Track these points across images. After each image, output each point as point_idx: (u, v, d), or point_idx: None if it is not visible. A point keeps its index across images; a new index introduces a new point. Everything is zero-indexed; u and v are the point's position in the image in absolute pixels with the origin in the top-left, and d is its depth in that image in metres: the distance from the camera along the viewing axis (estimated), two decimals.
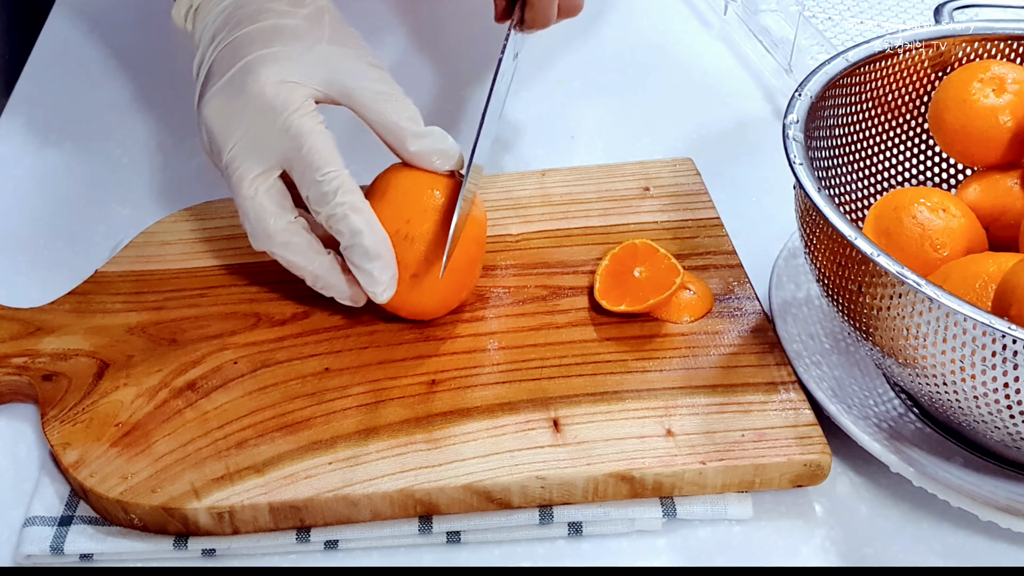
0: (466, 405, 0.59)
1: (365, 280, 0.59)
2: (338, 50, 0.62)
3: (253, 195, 0.60)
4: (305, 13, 0.62)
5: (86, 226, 0.75)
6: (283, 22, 0.61)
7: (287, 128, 0.58)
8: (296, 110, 0.59)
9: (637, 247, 0.66)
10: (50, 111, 0.85)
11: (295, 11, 0.62)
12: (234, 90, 0.60)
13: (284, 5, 0.62)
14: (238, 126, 0.60)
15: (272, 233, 0.60)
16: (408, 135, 0.60)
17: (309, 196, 0.59)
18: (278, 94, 0.59)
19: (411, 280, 0.60)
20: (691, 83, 0.89)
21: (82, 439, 0.58)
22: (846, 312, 0.56)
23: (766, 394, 0.60)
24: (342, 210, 0.58)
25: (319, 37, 0.62)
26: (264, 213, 0.60)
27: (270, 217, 0.60)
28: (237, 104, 0.60)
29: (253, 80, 0.59)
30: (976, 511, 0.55)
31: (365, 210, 0.59)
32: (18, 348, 0.63)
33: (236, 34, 0.61)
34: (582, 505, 0.57)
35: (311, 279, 0.61)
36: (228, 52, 0.61)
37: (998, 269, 0.54)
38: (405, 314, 0.63)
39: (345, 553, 0.56)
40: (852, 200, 0.66)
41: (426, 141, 0.61)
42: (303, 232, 0.61)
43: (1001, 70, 0.63)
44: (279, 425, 0.58)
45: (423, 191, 0.61)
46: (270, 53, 0.60)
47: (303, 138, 0.58)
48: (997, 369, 0.49)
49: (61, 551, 0.55)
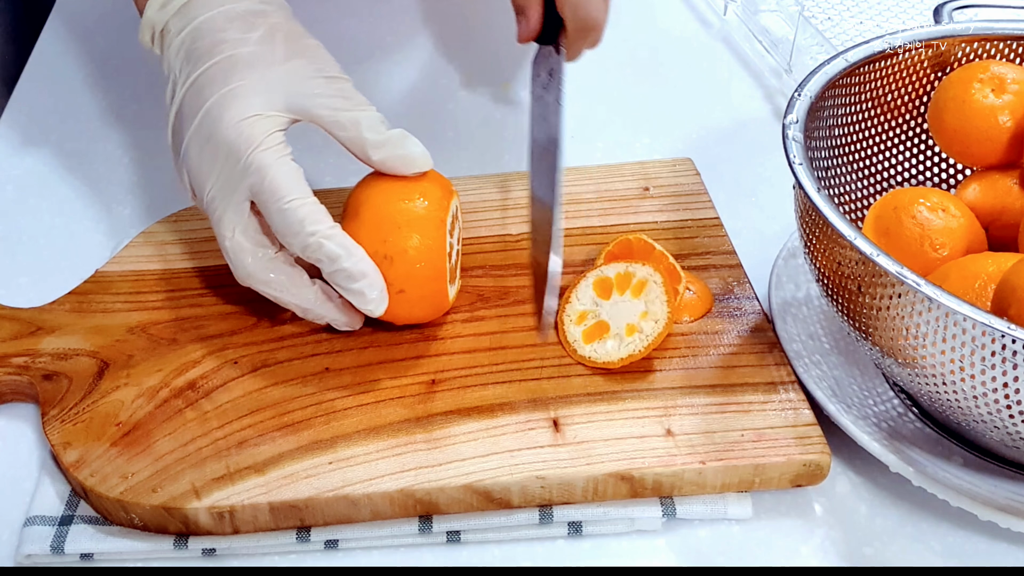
0: (466, 405, 0.59)
1: (356, 300, 0.59)
2: (294, 71, 0.61)
3: (231, 235, 0.60)
4: (257, 37, 0.62)
5: (86, 226, 0.75)
6: (237, 52, 0.61)
7: (249, 165, 0.58)
8: (257, 147, 0.58)
9: (631, 243, 0.66)
10: (50, 112, 0.85)
11: (247, 37, 0.61)
12: (203, 137, 0.60)
13: (237, 33, 0.61)
14: (211, 170, 0.60)
15: (252, 272, 0.60)
16: (368, 146, 0.60)
17: (278, 230, 0.59)
18: (240, 133, 0.59)
19: (398, 296, 0.61)
20: (691, 83, 0.89)
21: (82, 439, 0.58)
22: (846, 312, 0.56)
23: (766, 394, 0.60)
24: (314, 239, 0.58)
25: (272, 60, 0.61)
26: (242, 252, 0.60)
27: (247, 255, 0.60)
28: (208, 150, 0.60)
29: (216, 124, 0.59)
30: (975, 511, 0.55)
31: (337, 235, 0.58)
32: (18, 348, 0.63)
33: (196, 73, 0.61)
34: (582, 505, 0.57)
35: (300, 312, 0.62)
36: (193, 94, 0.61)
37: (997, 269, 0.54)
38: (401, 323, 0.63)
39: (345, 553, 0.56)
40: (852, 200, 0.66)
41: (386, 148, 0.60)
42: (285, 266, 0.60)
43: (1001, 70, 0.63)
44: (279, 425, 0.58)
45: (394, 206, 0.60)
46: (229, 91, 0.60)
47: (264, 171, 0.58)
48: (996, 369, 0.49)
49: (61, 551, 0.55)
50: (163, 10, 0.63)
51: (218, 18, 0.62)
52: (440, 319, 0.64)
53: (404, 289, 0.60)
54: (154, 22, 0.64)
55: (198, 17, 0.62)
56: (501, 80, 0.87)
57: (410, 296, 0.61)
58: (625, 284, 0.63)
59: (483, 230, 0.70)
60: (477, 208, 0.72)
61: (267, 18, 0.63)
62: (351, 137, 0.60)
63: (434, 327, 0.64)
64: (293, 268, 0.61)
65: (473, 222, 0.71)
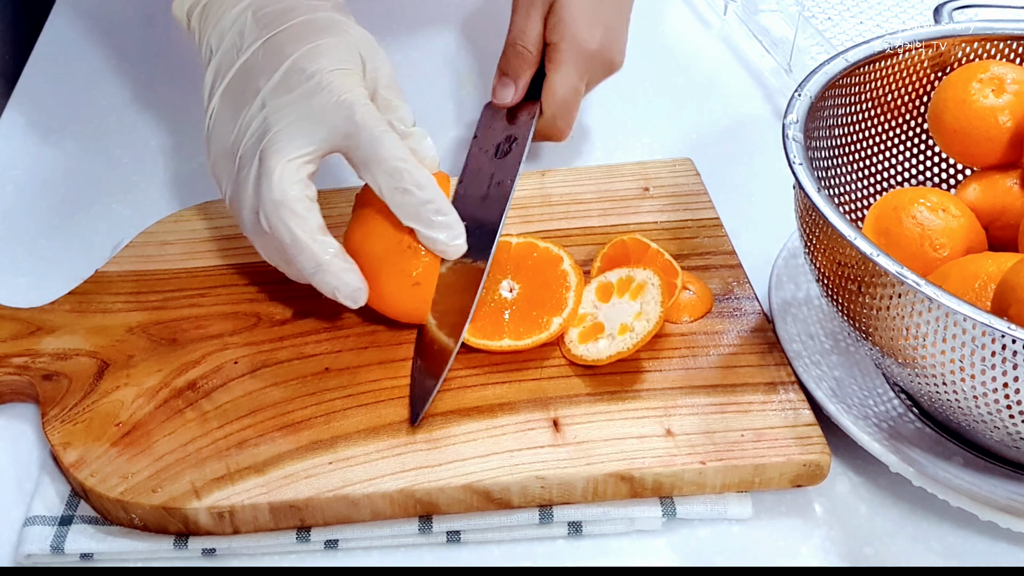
0: (466, 405, 0.59)
1: (444, 234, 0.59)
2: (363, 38, 0.64)
3: (285, 161, 0.58)
4: (331, 5, 0.64)
5: (86, 226, 0.75)
6: (316, 16, 0.63)
7: (340, 101, 0.59)
8: (349, 91, 0.60)
9: (627, 244, 0.66)
10: (50, 111, 0.85)
11: (322, 3, 0.64)
12: (287, 88, 0.60)
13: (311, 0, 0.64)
14: (290, 112, 0.60)
15: (288, 198, 0.58)
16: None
17: (367, 156, 0.59)
18: (334, 79, 0.60)
19: (413, 289, 0.61)
20: (691, 83, 0.89)
21: (82, 439, 0.58)
22: (846, 312, 0.56)
23: (766, 394, 0.60)
24: (404, 165, 0.58)
25: (346, 27, 0.63)
26: (290, 178, 0.58)
27: (291, 181, 0.58)
28: (292, 96, 0.60)
29: (306, 76, 0.60)
30: (976, 511, 0.55)
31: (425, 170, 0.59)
32: (18, 348, 0.63)
33: (272, 32, 0.62)
34: (582, 505, 0.57)
35: (313, 266, 0.59)
36: (270, 51, 0.62)
37: (997, 269, 0.54)
38: (404, 319, 0.63)
39: (345, 553, 0.56)
40: (852, 200, 0.66)
41: (407, 141, 0.61)
42: (318, 212, 0.59)
43: (1001, 70, 0.63)
44: (279, 425, 0.58)
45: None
46: (315, 47, 0.61)
47: (355, 106, 0.59)
48: (996, 369, 0.49)
49: (61, 550, 0.55)
50: None
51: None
52: None
53: (420, 282, 0.61)
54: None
55: None
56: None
57: (423, 290, 0.61)
58: (625, 288, 0.63)
59: None
60: None
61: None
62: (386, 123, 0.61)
63: None
64: (321, 219, 0.60)
65: None
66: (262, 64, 0.61)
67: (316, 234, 0.59)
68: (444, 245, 0.60)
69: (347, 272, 0.60)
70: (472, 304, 0.61)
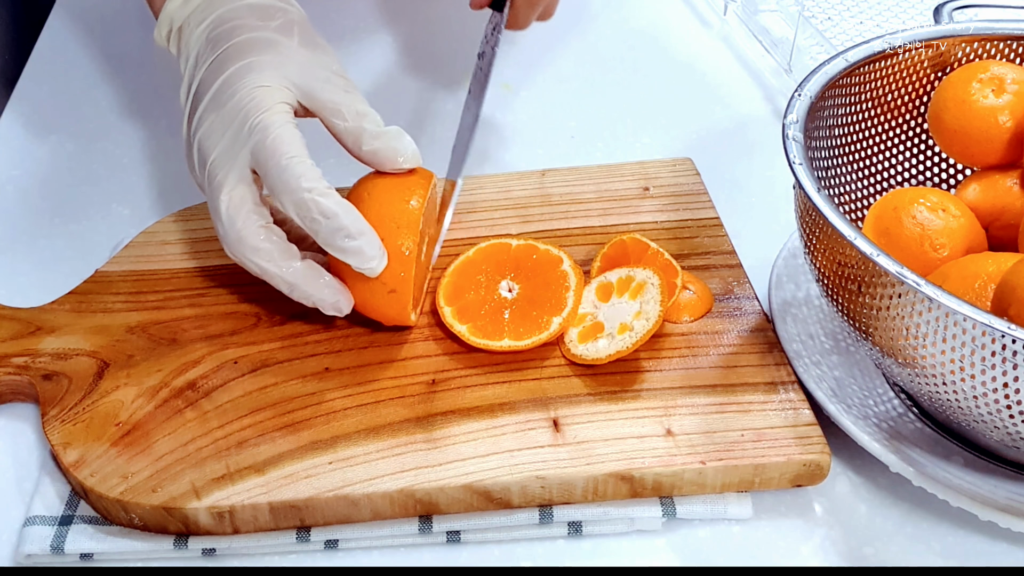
0: (466, 405, 0.59)
1: (355, 259, 0.59)
2: (306, 59, 0.64)
3: (228, 199, 0.60)
4: (275, 26, 0.65)
5: (86, 226, 0.75)
6: (256, 35, 0.64)
7: (255, 125, 0.60)
8: (266, 110, 0.60)
9: (626, 244, 0.66)
10: (50, 111, 0.85)
11: (266, 24, 0.65)
12: (217, 104, 0.62)
13: (256, 21, 0.65)
14: (220, 135, 0.61)
15: (243, 235, 0.59)
16: (365, 135, 0.61)
17: (274, 187, 0.59)
18: (252, 98, 0.61)
19: (389, 296, 0.61)
20: (691, 83, 0.89)
21: (82, 439, 0.58)
22: (846, 312, 0.56)
23: (766, 394, 0.60)
24: (310, 196, 0.58)
25: (287, 46, 0.64)
26: (236, 214, 0.59)
27: (241, 218, 0.59)
28: (220, 116, 0.61)
29: (230, 91, 0.61)
30: (975, 511, 0.55)
31: (332, 194, 0.59)
32: (18, 348, 0.63)
33: (216, 53, 0.63)
34: (582, 505, 0.57)
35: (287, 288, 0.61)
36: (211, 71, 0.63)
37: (997, 269, 0.54)
38: (388, 324, 0.63)
39: (345, 553, 0.56)
40: (852, 200, 0.66)
41: (382, 140, 0.61)
42: (275, 239, 0.60)
43: (1000, 70, 0.63)
44: (279, 425, 0.58)
45: (392, 207, 0.61)
46: (245, 64, 0.62)
47: (268, 131, 0.59)
48: (996, 369, 0.49)
49: (61, 550, 0.55)
50: (185, 6, 0.66)
51: (240, 8, 0.65)
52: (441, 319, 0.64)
53: (396, 289, 0.60)
54: (173, 18, 0.66)
55: (220, 8, 0.65)
56: (501, 81, 0.87)
57: (400, 296, 0.61)
58: (625, 288, 0.63)
59: (482, 230, 0.70)
60: (476, 208, 0.72)
61: (286, 14, 0.66)
62: (349, 127, 0.61)
63: (434, 327, 0.64)
64: (283, 240, 0.61)
65: (472, 222, 0.71)
66: (208, 82, 0.63)
67: (280, 260, 0.60)
68: (357, 269, 0.60)
69: (322, 288, 0.61)
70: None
